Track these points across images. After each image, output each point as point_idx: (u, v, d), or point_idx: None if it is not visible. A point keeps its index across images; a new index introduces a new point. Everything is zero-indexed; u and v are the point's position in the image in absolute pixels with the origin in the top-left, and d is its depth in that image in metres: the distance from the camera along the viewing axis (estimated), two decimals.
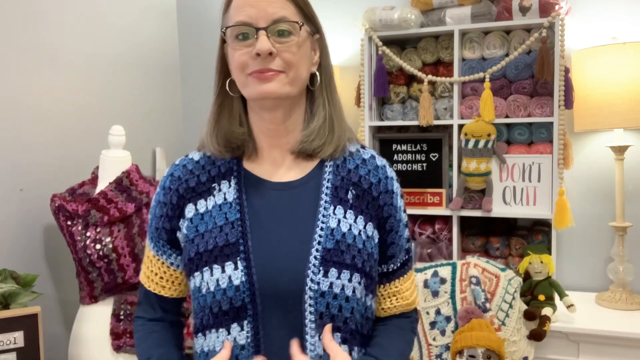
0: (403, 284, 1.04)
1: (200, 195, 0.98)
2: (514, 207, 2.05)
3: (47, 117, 1.89)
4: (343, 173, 0.97)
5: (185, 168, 1.01)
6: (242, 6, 0.91)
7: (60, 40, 1.95)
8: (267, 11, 0.90)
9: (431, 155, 2.18)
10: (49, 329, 1.83)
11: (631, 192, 2.05)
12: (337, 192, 0.96)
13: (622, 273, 1.93)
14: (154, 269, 1.04)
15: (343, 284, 0.90)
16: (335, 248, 0.91)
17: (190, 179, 0.99)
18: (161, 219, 1.00)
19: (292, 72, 0.91)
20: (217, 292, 0.90)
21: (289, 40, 0.91)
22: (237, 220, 0.93)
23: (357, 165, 0.99)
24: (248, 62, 0.90)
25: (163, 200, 1.00)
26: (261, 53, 0.88)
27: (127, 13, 2.32)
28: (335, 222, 0.93)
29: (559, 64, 1.92)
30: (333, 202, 0.95)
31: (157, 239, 1.02)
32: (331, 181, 0.96)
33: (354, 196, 0.96)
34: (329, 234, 0.92)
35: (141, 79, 2.41)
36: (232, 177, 0.98)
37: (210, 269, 0.91)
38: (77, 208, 1.65)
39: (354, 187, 0.97)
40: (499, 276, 1.75)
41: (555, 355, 1.78)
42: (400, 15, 2.09)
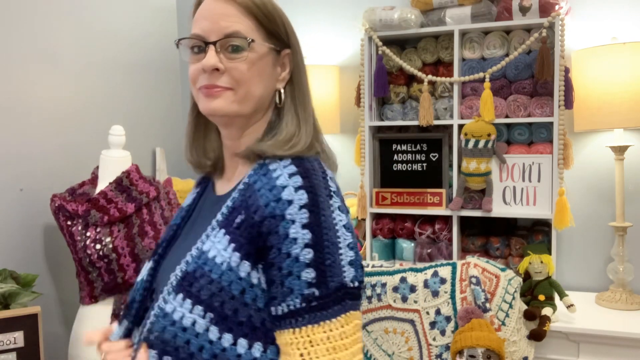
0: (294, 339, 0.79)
1: None
2: (514, 207, 2.05)
3: (47, 117, 1.89)
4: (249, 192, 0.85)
5: None
6: (198, 19, 0.89)
7: (61, 41, 1.95)
8: (220, 25, 0.86)
9: (431, 155, 2.18)
10: (49, 329, 1.83)
11: (631, 192, 2.05)
12: (230, 213, 0.85)
13: (622, 273, 1.93)
14: None
15: (183, 313, 0.82)
16: (192, 274, 0.83)
17: None
18: None
19: (241, 89, 0.87)
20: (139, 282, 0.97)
21: (239, 56, 0.86)
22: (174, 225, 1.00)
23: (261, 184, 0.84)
24: (198, 76, 0.88)
25: None
26: (206, 69, 0.85)
27: (127, 13, 2.33)
28: (209, 246, 0.85)
29: (559, 64, 1.92)
30: (220, 224, 0.86)
31: None
32: (233, 200, 0.86)
33: (241, 220, 0.83)
34: (197, 257, 0.85)
35: (141, 79, 2.41)
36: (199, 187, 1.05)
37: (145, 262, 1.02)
38: (77, 208, 1.65)
39: (245, 209, 0.83)
40: (499, 276, 1.75)
41: (555, 355, 1.78)
42: (400, 15, 2.09)
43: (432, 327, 1.78)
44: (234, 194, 0.88)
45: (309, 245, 0.79)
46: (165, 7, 2.62)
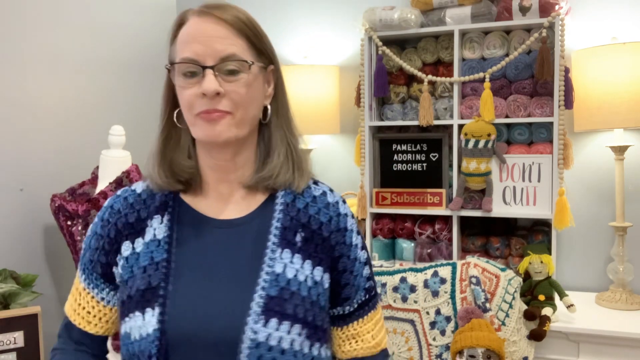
0: (363, 325, 0.97)
1: (138, 233, 0.90)
2: (514, 207, 2.05)
3: (47, 117, 1.89)
4: (292, 213, 0.90)
5: (126, 201, 0.94)
6: (188, 41, 0.86)
7: (60, 41, 1.95)
8: (215, 48, 0.84)
9: (431, 155, 2.18)
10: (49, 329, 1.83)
11: (631, 192, 2.05)
12: (285, 233, 0.89)
13: (622, 273, 1.93)
14: (82, 302, 0.96)
15: (281, 336, 0.82)
16: (279, 296, 0.84)
17: (130, 214, 0.92)
18: (97, 252, 0.94)
19: (239, 113, 0.86)
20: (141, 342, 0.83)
21: (237, 78, 0.85)
22: (163, 261, 0.87)
23: (306, 203, 0.92)
24: (195, 102, 0.85)
25: (100, 233, 0.94)
26: (207, 94, 0.83)
27: (127, 13, 2.33)
28: (281, 267, 0.86)
29: (559, 64, 1.92)
30: (281, 245, 0.87)
31: (90, 272, 0.95)
32: (281, 221, 0.89)
33: (302, 239, 0.89)
34: (273, 280, 0.85)
35: (141, 79, 2.41)
36: (165, 213, 0.91)
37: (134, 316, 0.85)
38: (77, 208, 1.65)
39: (303, 228, 0.90)
40: (499, 276, 1.75)
41: (555, 355, 1.78)
42: (400, 15, 2.09)
43: (432, 327, 1.78)
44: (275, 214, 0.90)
45: (363, 247, 0.97)
46: (165, 7, 2.62)
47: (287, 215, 0.90)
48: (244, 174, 0.92)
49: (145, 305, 0.85)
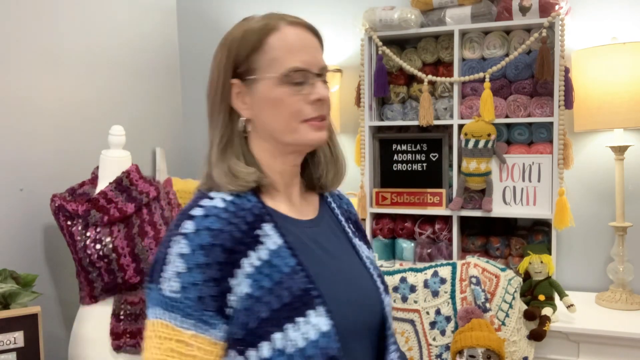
0: None
1: (248, 247, 0.84)
2: (514, 207, 2.05)
3: (47, 117, 1.89)
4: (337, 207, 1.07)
5: (219, 218, 0.84)
6: (294, 51, 0.89)
7: (61, 40, 1.95)
8: (317, 58, 0.92)
9: (431, 155, 2.18)
10: (49, 329, 1.83)
11: (631, 192, 2.05)
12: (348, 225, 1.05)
13: (622, 273, 1.93)
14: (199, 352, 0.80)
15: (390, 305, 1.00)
16: (380, 274, 1.01)
17: (233, 230, 0.84)
18: (204, 285, 0.80)
19: (328, 117, 0.96)
20: (307, 347, 0.80)
21: (328, 86, 0.95)
22: (297, 265, 0.86)
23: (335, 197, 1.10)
24: (303, 108, 0.89)
25: (205, 262, 0.81)
26: (324, 99, 0.91)
27: (127, 13, 2.33)
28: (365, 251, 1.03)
29: (559, 64, 1.92)
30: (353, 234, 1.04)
31: (200, 313, 0.80)
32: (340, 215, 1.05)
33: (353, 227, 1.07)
34: (371, 262, 1.01)
35: (141, 78, 2.41)
36: (267, 220, 0.89)
37: (294, 324, 0.81)
38: (77, 208, 1.65)
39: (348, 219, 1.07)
40: (498, 276, 1.75)
41: (555, 355, 1.78)
42: (400, 15, 2.09)
43: (432, 327, 1.78)
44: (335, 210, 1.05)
45: None
46: (165, 7, 2.62)
47: (338, 210, 1.06)
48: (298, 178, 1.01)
49: (305, 309, 0.82)
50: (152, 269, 0.85)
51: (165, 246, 0.84)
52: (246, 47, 0.89)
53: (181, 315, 0.80)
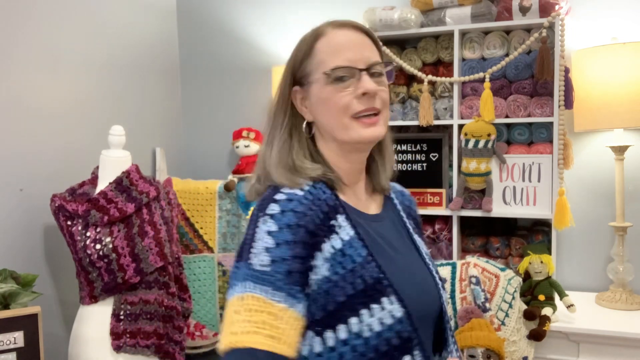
0: None
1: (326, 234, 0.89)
2: (514, 207, 2.05)
3: (47, 117, 1.89)
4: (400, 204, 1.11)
5: (302, 204, 0.89)
6: (338, 51, 0.94)
7: (60, 40, 1.95)
8: (364, 54, 0.95)
9: (431, 155, 2.18)
10: (49, 329, 1.83)
11: (631, 192, 2.05)
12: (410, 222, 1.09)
13: (622, 273, 1.93)
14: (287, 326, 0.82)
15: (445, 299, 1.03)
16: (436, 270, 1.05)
17: (314, 215, 0.89)
18: (293, 261, 0.84)
19: (385, 111, 0.97)
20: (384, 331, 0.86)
21: (381, 80, 0.96)
22: (368, 255, 0.90)
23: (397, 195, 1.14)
24: (351, 102, 0.93)
25: (292, 239, 0.85)
26: (369, 92, 0.92)
27: (127, 13, 2.33)
28: (424, 247, 1.07)
29: (559, 64, 1.92)
30: (414, 231, 1.08)
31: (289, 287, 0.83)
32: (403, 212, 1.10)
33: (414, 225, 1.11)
34: (429, 258, 1.05)
35: (141, 79, 2.41)
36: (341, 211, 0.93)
37: (369, 310, 0.86)
38: (77, 208, 1.65)
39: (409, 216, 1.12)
40: (498, 276, 1.75)
41: (555, 355, 1.78)
42: (400, 15, 2.09)
43: None
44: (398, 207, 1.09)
45: None
46: (165, 7, 2.62)
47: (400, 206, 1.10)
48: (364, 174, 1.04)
49: (379, 296, 0.87)
50: (241, 248, 0.88)
51: (252, 227, 0.88)
52: (300, 55, 0.98)
53: (272, 288, 0.82)
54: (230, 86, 2.65)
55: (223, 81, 2.67)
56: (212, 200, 2.30)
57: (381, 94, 0.95)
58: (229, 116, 2.65)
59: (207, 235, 2.31)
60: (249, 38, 2.59)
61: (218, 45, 2.65)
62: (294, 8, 2.49)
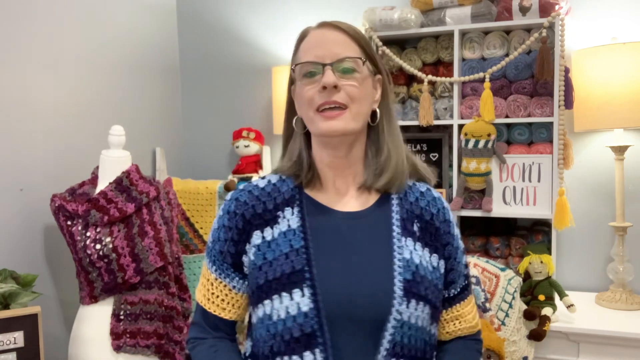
0: (464, 307, 1.09)
1: (266, 223, 1.00)
2: (514, 207, 2.05)
3: (47, 117, 1.89)
4: (407, 206, 1.03)
5: (250, 194, 1.03)
6: (310, 48, 0.99)
7: (61, 41, 1.95)
8: (333, 51, 0.97)
9: (431, 155, 2.18)
10: (49, 329, 1.83)
11: (631, 192, 2.05)
12: (405, 224, 1.00)
13: (622, 273, 1.93)
14: (216, 291, 1.05)
15: (418, 315, 0.94)
16: (413, 280, 0.95)
17: (257, 205, 1.01)
18: (226, 243, 1.02)
19: (354, 106, 0.97)
20: (287, 320, 0.93)
21: (352, 76, 0.97)
22: (302, 247, 0.96)
23: (416, 197, 1.04)
24: (314, 96, 0.96)
25: (228, 225, 1.02)
26: (327, 86, 0.94)
27: (127, 13, 2.33)
28: (408, 254, 0.97)
29: (559, 64, 1.92)
30: (404, 234, 0.99)
31: (220, 262, 1.03)
32: (399, 213, 1.01)
33: (419, 228, 1.01)
34: (406, 265, 0.96)
35: (141, 79, 2.41)
36: (294, 205, 1.01)
37: (279, 297, 0.94)
38: (77, 208, 1.65)
39: (418, 219, 1.02)
40: (498, 276, 1.75)
41: (555, 355, 1.78)
42: (400, 15, 2.09)
43: None
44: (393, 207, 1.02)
45: (460, 238, 1.09)
46: (165, 7, 2.62)
47: (403, 207, 1.02)
48: (357, 169, 1.03)
49: (292, 287, 0.93)
50: None
51: None
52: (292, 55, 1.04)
53: (209, 261, 1.05)
54: (230, 86, 2.65)
55: (223, 81, 2.67)
56: (212, 200, 2.30)
57: (347, 89, 0.96)
58: (229, 116, 2.65)
59: (207, 236, 2.31)
60: (249, 38, 2.59)
61: (218, 45, 2.65)
62: (294, 8, 2.49)
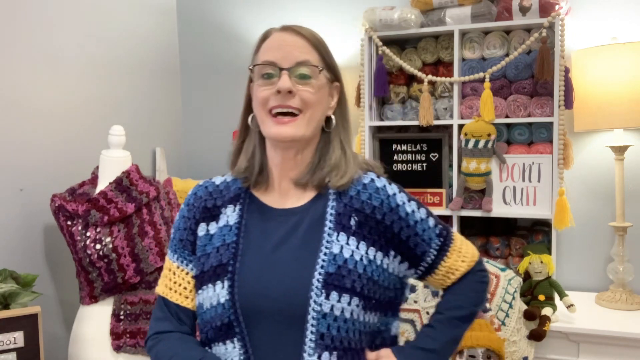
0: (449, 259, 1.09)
1: (212, 217, 1.05)
2: (514, 207, 2.05)
3: (47, 117, 1.89)
4: (345, 200, 1.02)
5: (206, 190, 1.09)
6: (270, 49, 0.99)
7: (61, 41, 1.95)
8: (292, 54, 0.98)
9: (431, 155, 2.18)
10: (49, 329, 1.83)
11: (631, 192, 2.05)
12: (340, 219, 1.00)
13: (622, 273, 1.93)
14: (178, 279, 1.07)
15: (343, 307, 0.95)
16: (337, 273, 0.96)
17: (208, 200, 1.07)
18: (185, 232, 1.07)
19: (308, 112, 0.98)
20: (211, 310, 0.99)
21: (308, 82, 0.98)
22: (232, 243, 1.01)
23: (358, 191, 1.03)
24: (269, 97, 0.97)
25: (187, 215, 1.08)
26: (282, 90, 0.96)
27: (127, 13, 2.33)
28: (338, 248, 0.98)
29: (559, 64, 1.92)
30: (336, 229, 0.99)
31: (181, 250, 1.07)
32: (334, 208, 1.01)
33: (356, 223, 1.00)
34: (331, 259, 0.96)
35: (141, 79, 2.41)
36: (237, 203, 1.05)
37: (207, 288, 1.00)
38: (77, 208, 1.65)
39: (357, 213, 1.01)
40: (499, 276, 1.75)
41: (555, 355, 1.78)
42: (400, 15, 2.09)
43: None
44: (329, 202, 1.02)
45: (419, 207, 1.07)
46: (165, 7, 2.62)
47: (340, 202, 1.02)
48: (301, 172, 1.04)
49: (216, 279, 0.99)
50: None
51: None
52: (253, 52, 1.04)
53: (171, 250, 1.09)
54: (230, 86, 2.65)
55: (223, 81, 2.67)
56: None
57: (302, 94, 0.97)
58: (229, 116, 2.65)
59: None
60: (249, 38, 2.59)
61: (218, 45, 2.65)
62: (293, 8, 2.49)
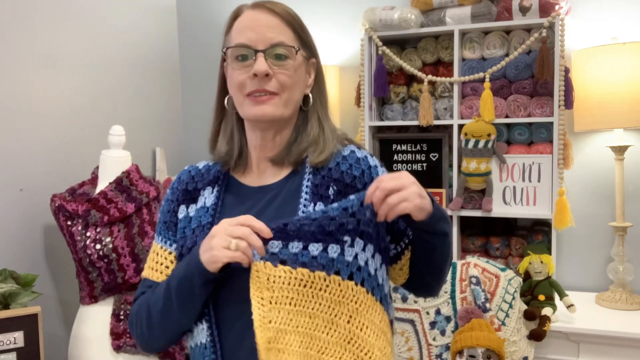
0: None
1: (192, 200, 1.06)
2: (514, 207, 2.05)
3: (47, 117, 1.89)
4: (323, 172, 1.01)
5: (189, 174, 1.10)
6: (243, 29, 0.97)
7: (60, 41, 1.95)
8: (267, 35, 0.96)
9: (431, 155, 2.18)
10: (49, 329, 1.83)
11: (631, 192, 2.05)
12: (317, 189, 0.99)
13: (622, 273, 1.93)
14: (161, 259, 1.08)
15: None
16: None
17: (190, 183, 1.08)
18: (169, 214, 1.08)
19: (285, 93, 0.97)
20: None
21: (285, 63, 0.97)
22: (208, 224, 1.01)
23: (337, 163, 1.02)
24: (246, 81, 0.96)
25: (171, 198, 1.09)
26: (258, 74, 0.94)
27: (127, 13, 2.33)
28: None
29: (559, 64, 1.92)
30: (313, 200, 0.98)
31: (165, 232, 1.08)
32: (311, 180, 1.00)
33: (335, 192, 0.99)
34: None
35: (141, 79, 2.41)
36: (215, 185, 1.06)
37: None
38: (77, 208, 1.65)
39: (335, 183, 1.00)
40: (498, 276, 1.75)
41: (555, 355, 1.78)
42: (400, 15, 2.09)
43: (432, 327, 1.78)
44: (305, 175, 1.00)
45: None
46: (165, 7, 2.62)
47: (317, 175, 1.00)
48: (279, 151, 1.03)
49: None
50: None
51: None
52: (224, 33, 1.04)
53: (157, 233, 1.10)
54: None
55: None
56: None
57: (279, 77, 0.96)
58: None
59: None
60: None
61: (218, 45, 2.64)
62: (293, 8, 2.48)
